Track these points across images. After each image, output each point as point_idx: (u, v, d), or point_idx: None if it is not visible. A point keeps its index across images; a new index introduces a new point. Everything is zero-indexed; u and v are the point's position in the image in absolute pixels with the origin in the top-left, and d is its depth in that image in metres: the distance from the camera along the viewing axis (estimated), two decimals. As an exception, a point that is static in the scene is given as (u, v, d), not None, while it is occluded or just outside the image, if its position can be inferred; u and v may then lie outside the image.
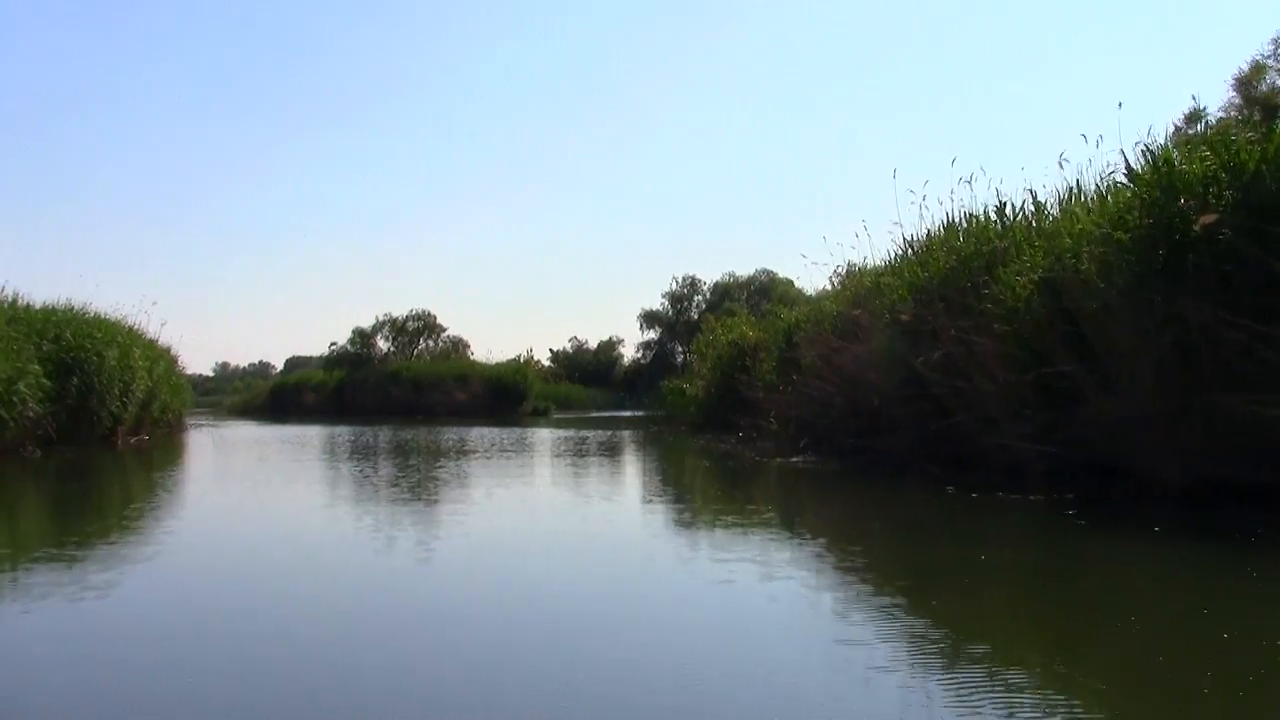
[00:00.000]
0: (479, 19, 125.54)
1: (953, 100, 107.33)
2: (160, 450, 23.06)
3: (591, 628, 5.27)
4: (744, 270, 72.26)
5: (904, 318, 12.97)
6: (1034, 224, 12.69)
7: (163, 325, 35.94)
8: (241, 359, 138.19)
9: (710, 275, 73.06)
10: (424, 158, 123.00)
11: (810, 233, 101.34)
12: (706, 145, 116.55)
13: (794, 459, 15.26)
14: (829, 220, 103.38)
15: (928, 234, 15.79)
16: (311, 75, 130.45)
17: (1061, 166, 13.06)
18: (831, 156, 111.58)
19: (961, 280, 12.86)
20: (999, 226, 13.25)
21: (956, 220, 14.88)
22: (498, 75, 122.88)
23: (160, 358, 27.87)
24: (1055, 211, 12.88)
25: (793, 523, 9.53)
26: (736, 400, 24.74)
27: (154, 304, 34.56)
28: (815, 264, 29.95)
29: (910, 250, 16.69)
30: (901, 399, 13.19)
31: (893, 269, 16.96)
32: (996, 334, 11.39)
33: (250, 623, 5.41)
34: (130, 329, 25.23)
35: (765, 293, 68.16)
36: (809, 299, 24.96)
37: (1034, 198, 13.25)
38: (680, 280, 72.44)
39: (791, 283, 67.93)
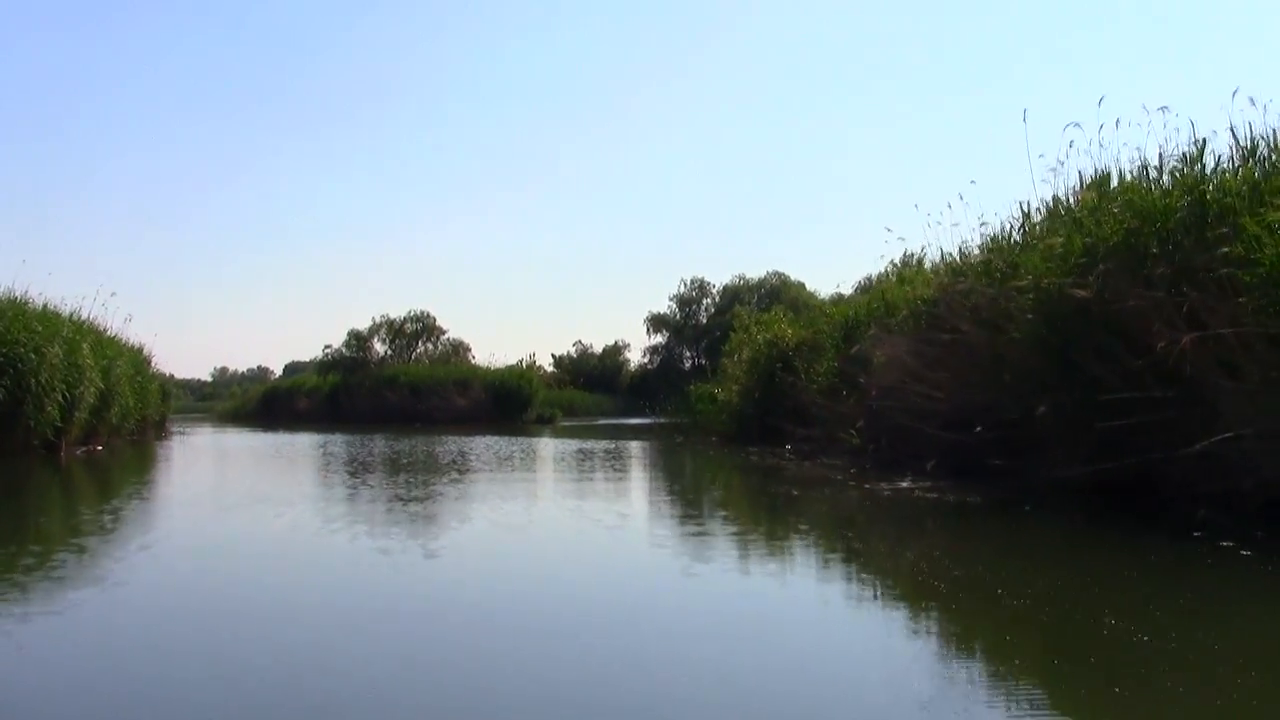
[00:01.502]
0: (480, 18, 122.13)
1: (958, 100, 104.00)
2: (114, 463, 19.33)
3: None
4: (754, 273, 68.71)
5: (1080, 293, 9.22)
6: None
7: (128, 320, 31.78)
8: (240, 364, 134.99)
9: (719, 278, 69.38)
10: (426, 160, 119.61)
11: (820, 235, 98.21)
12: (712, 146, 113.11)
13: (901, 483, 11.53)
14: (840, 222, 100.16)
15: (1052, 200, 12.25)
16: (312, 77, 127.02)
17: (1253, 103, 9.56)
18: (840, 157, 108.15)
19: (1146, 243, 9.23)
20: (1198, 174, 9.58)
21: (1104, 171, 11.35)
22: (499, 75, 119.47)
23: (121, 356, 24.13)
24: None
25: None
26: (781, 407, 21.07)
27: (113, 294, 30.02)
28: (925, 224, 23.30)
29: (1026, 219, 13.12)
30: (1061, 405, 9.50)
31: (998, 244, 13.39)
32: (1235, 312, 7.74)
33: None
34: (80, 323, 21.48)
35: (776, 295, 64.63)
36: (870, 287, 21.21)
37: (1242, 137, 9.60)
38: (689, 283, 68.82)
39: (803, 285, 64.70)
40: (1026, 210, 13.26)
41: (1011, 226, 13.37)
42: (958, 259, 15.03)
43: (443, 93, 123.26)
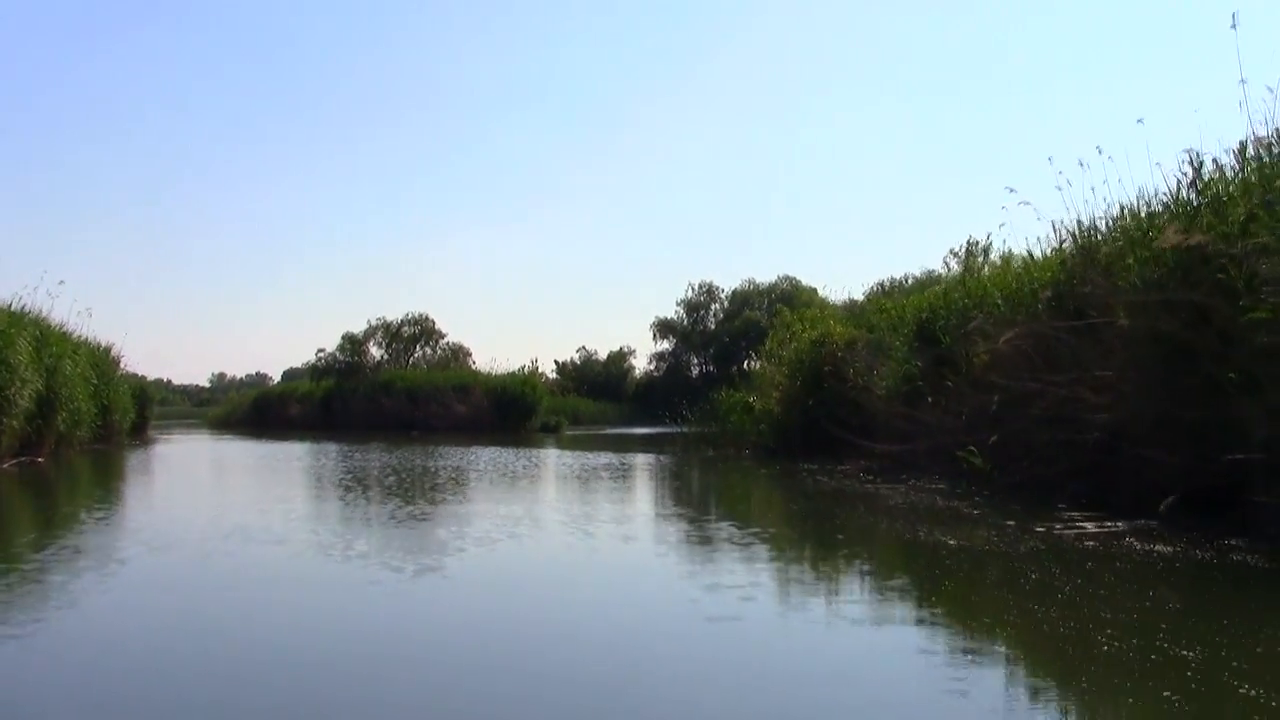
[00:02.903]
0: (484, 26, 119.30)
1: (964, 101, 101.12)
2: (52, 479, 16.03)
3: None
4: (764, 277, 65.37)
5: None
6: None
7: (82, 314, 28.21)
8: (239, 370, 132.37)
9: (727, 283, 65.96)
10: (429, 165, 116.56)
11: (827, 241, 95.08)
12: (717, 150, 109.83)
13: (1083, 524, 8.18)
14: (847, 225, 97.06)
15: None
16: (313, 86, 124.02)
17: None
18: (847, 161, 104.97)
19: None
20: None
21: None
22: (503, 80, 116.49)
23: (74, 354, 20.87)
24: None
25: None
26: (835, 416, 17.85)
27: (61, 283, 26.35)
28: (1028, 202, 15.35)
29: (1193, 173, 9.91)
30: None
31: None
32: None
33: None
34: (17, 314, 18.19)
35: (788, 300, 61.35)
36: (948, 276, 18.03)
37: None
38: (696, 287, 65.34)
39: (815, 290, 61.27)
40: (1197, 162, 10.04)
41: (1179, 180, 10.12)
42: (1088, 227, 11.86)
43: (445, 99, 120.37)
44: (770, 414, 20.19)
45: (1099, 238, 11.53)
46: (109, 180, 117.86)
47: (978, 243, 18.99)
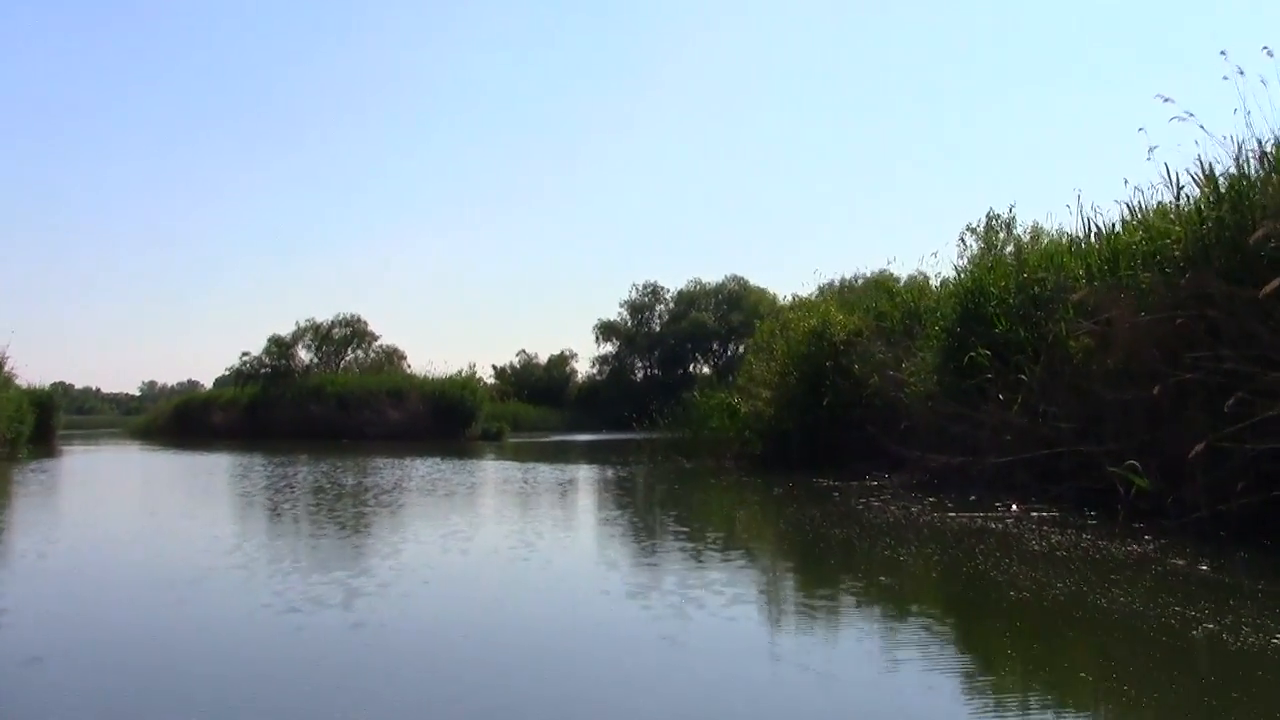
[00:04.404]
0: (426, 33, 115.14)
1: (937, 103, 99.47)
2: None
3: None
4: (711, 277, 62.26)
5: None
6: None
7: None
8: (171, 378, 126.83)
9: (673, 283, 62.65)
10: (364, 171, 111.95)
11: (774, 241, 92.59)
12: (660, 153, 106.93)
13: None
14: (793, 226, 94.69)
15: None
16: (255, 92, 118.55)
17: None
18: (793, 161, 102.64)
19: None
20: None
21: None
22: (442, 82, 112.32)
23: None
24: None
25: None
26: (849, 419, 14.71)
27: None
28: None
29: None
30: None
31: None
32: None
33: None
34: None
35: (736, 301, 58.76)
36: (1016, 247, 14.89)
37: None
38: (641, 288, 61.96)
39: (764, 291, 58.26)
40: None
41: None
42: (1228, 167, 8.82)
43: (382, 104, 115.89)
44: (761, 418, 16.88)
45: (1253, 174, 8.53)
46: (37, 186, 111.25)
47: (998, 216, 15.95)
